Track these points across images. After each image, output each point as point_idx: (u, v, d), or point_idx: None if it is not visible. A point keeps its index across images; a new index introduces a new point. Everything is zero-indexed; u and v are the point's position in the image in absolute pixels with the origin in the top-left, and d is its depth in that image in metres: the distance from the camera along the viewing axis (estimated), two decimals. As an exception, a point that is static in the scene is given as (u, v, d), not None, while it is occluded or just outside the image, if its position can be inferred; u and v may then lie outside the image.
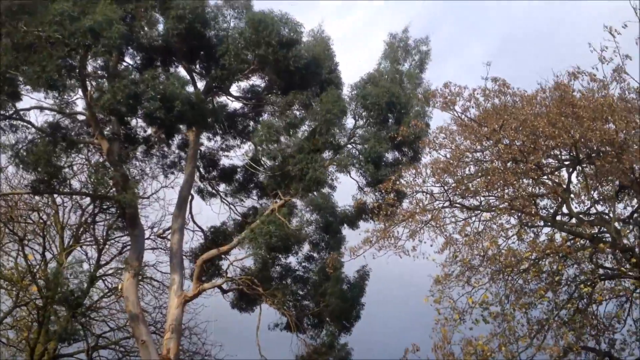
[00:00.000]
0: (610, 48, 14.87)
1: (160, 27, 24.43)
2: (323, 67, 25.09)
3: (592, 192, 16.56)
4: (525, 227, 16.75)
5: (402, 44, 26.78)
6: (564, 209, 16.61)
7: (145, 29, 24.30)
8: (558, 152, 16.39)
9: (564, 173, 16.81)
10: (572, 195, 16.50)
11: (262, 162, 24.95)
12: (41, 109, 23.86)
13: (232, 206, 27.64)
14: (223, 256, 25.27)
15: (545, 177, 16.64)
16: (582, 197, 16.73)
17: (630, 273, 15.85)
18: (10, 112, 22.49)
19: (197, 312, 27.40)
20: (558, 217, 16.73)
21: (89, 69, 23.71)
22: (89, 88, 22.92)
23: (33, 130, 23.64)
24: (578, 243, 16.45)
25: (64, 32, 19.85)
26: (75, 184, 26.11)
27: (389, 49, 26.77)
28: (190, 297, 24.21)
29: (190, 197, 26.36)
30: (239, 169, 27.68)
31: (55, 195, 26.58)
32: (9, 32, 20.60)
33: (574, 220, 16.52)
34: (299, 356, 24.79)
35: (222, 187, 28.38)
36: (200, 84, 26.25)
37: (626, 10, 14.61)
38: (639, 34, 14.93)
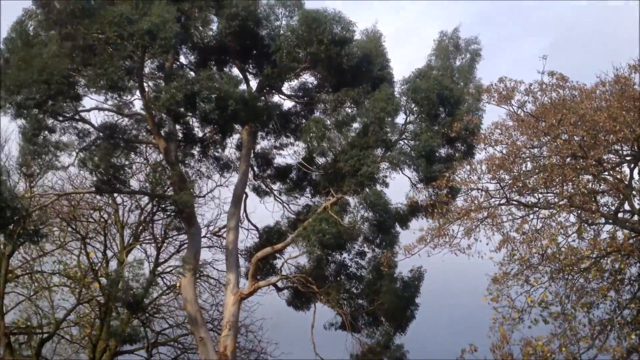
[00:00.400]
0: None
1: (214, 26, 24.80)
2: (375, 65, 25.01)
3: (655, 188, 15.99)
4: (586, 225, 16.31)
5: (452, 42, 26.50)
6: (626, 206, 16.09)
7: (200, 28, 24.69)
8: (619, 148, 15.88)
9: (625, 169, 16.30)
10: (634, 192, 15.98)
11: (314, 160, 25.00)
12: (101, 109, 24.52)
13: (285, 204, 27.83)
14: (277, 254, 25.45)
15: (606, 173, 16.14)
16: (645, 194, 16.17)
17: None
18: (72, 113, 23.08)
19: (252, 309, 27.81)
20: (620, 214, 16.22)
21: (146, 70, 24.25)
22: (146, 89, 23.45)
23: (93, 131, 24.38)
24: (641, 241, 15.94)
25: (122, 34, 20.36)
26: (134, 184, 26.80)
27: (440, 45, 26.50)
28: (246, 295, 24.50)
29: (244, 196, 26.69)
30: (292, 167, 27.83)
31: (115, 195, 27.20)
32: (69, 34, 21.26)
33: (636, 218, 16.01)
34: (354, 355, 24.80)
35: (276, 185, 28.59)
36: (253, 83, 26.58)
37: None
38: None
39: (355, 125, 24.43)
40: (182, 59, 25.95)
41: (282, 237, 25.42)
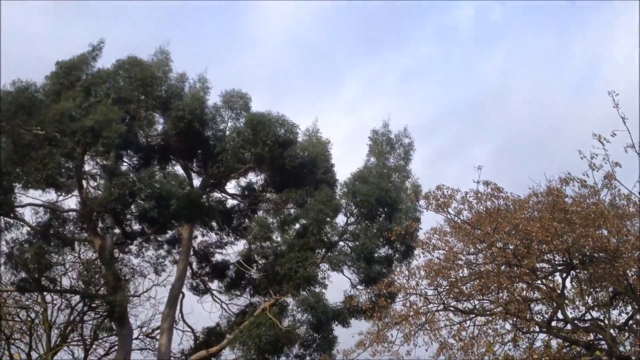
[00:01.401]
0: (600, 155, 15.15)
1: (159, 126, 24.99)
2: (318, 167, 25.51)
3: (586, 297, 16.41)
4: (520, 333, 16.47)
5: (384, 138, 27.22)
6: (559, 315, 16.38)
7: (144, 129, 24.81)
8: (551, 257, 16.33)
9: (557, 278, 16.72)
10: (566, 301, 16.34)
11: (255, 260, 24.78)
12: (36, 206, 23.94)
13: (224, 304, 27.22)
14: (213, 358, 24.61)
15: (539, 281, 16.51)
16: (577, 303, 16.57)
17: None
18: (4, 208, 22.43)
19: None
20: (553, 323, 16.49)
21: (86, 167, 24.04)
22: (84, 186, 23.11)
23: (26, 227, 23.69)
24: (574, 350, 16.14)
25: (64, 131, 20.23)
26: (65, 282, 25.86)
27: (374, 144, 27.22)
28: (177, 402, 23.43)
29: (181, 295, 26.01)
30: (231, 266, 27.47)
31: (45, 293, 26.12)
32: (7, 131, 20.97)
33: (569, 327, 16.26)
34: None
35: (214, 284, 28.07)
36: (197, 181, 26.54)
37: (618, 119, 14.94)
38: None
39: (297, 226, 24.48)
40: (126, 159, 25.86)
41: (221, 339, 24.70)
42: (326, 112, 76.04)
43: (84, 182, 23.42)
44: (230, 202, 27.94)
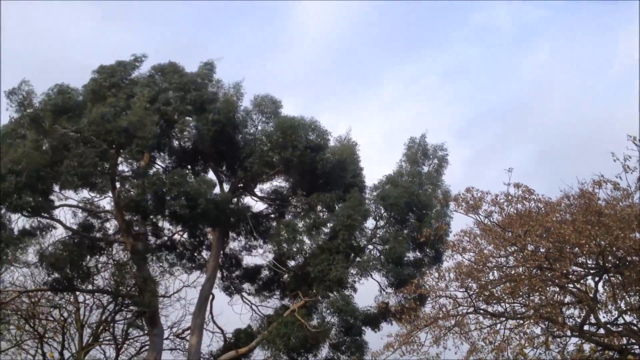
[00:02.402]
0: (634, 157, 15.06)
1: (192, 130, 25.28)
2: (348, 171, 25.59)
3: (619, 301, 16.22)
4: (552, 337, 16.38)
5: (420, 148, 27.29)
6: (592, 319, 16.24)
7: (177, 132, 25.18)
8: (584, 260, 16.20)
9: (590, 281, 16.57)
10: (599, 305, 16.19)
11: (284, 263, 24.93)
12: (71, 207, 24.40)
13: (254, 306, 27.41)
14: (243, 359, 24.79)
15: (571, 285, 16.39)
16: (610, 307, 16.39)
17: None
18: (39, 208, 22.86)
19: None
20: (586, 327, 16.34)
21: (119, 169, 24.45)
22: (117, 187, 23.51)
23: (60, 228, 24.15)
24: (607, 355, 16.01)
25: (100, 132, 20.64)
26: (98, 281, 26.26)
27: (409, 151, 27.29)
28: (207, 403, 23.65)
29: (211, 297, 26.27)
30: (262, 269, 27.69)
31: (77, 293, 26.56)
32: (47, 132, 21.48)
33: (602, 331, 16.13)
34: None
35: (244, 286, 28.25)
36: (226, 185, 26.80)
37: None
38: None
39: (326, 229, 24.57)
40: (158, 161, 26.27)
41: (251, 340, 24.88)
42: (364, 113, 75.60)
43: (117, 183, 23.81)
44: (259, 206, 28.21)
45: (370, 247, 25.19)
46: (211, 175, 26.23)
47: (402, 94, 79.26)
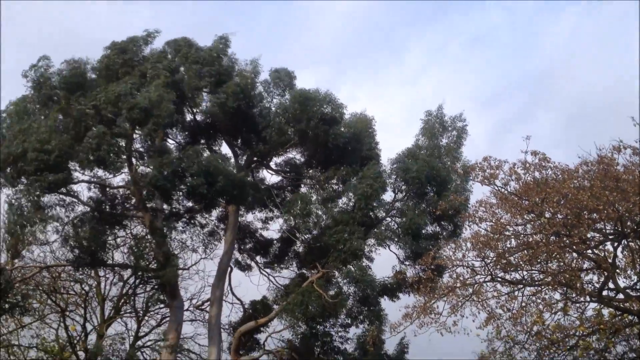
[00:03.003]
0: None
1: (207, 105, 25.30)
2: (363, 144, 25.58)
3: (638, 266, 16.20)
4: (571, 302, 16.43)
5: (438, 120, 27.14)
6: (610, 284, 16.26)
7: (192, 107, 25.22)
8: (602, 226, 16.17)
9: (609, 247, 16.55)
10: (618, 270, 16.18)
11: (300, 235, 25.10)
12: (89, 182, 24.62)
13: (271, 277, 27.70)
14: (262, 328, 25.15)
15: (589, 251, 16.39)
16: (629, 272, 16.37)
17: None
18: (61, 186, 23.11)
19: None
20: (604, 292, 16.36)
21: (135, 146, 24.58)
22: (134, 163, 23.69)
23: (79, 204, 24.40)
24: (626, 319, 16.05)
25: (117, 110, 20.73)
26: (118, 256, 26.61)
27: (426, 125, 27.16)
28: (227, 371, 24.05)
29: (229, 269, 26.56)
30: (275, 241, 27.94)
31: (98, 268, 26.92)
32: (64, 110, 21.62)
33: (621, 296, 16.16)
34: None
35: (261, 258, 28.52)
36: (241, 159, 26.90)
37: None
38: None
39: (342, 201, 24.67)
40: (171, 137, 26.36)
41: (268, 311, 25.20)
42: (388, 84, 75.09)
43: (134, 161, 23.97)
44: (274, 179, 28.34)
45: (388, 219, 25.31)
46: (225, 149, 26.36)
47: (425, 64, 78.18)
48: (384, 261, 25.13)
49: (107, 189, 25.88)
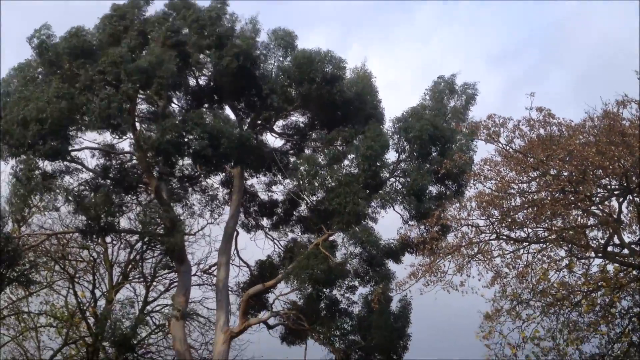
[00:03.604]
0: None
1: (209, 67, 25.09)
2: (367, 103, 25.35)
3: (643, 221, 16.16)
4: (576, 259, 16.43)
5: (449, 86, 26.80)
6: (616, 240, 16.23)
7: (195, 70, 25.00)
8: (607, 182, 16.07)
9: (614, 203, 16.46)
10: (623, 226, 16.14)
11: (305, 197, 25.11)
12: (93, 149, 24.64)
13: (276, 240, 27.84)
14: (270, 290, 25.37)
15: (594, 207, 16.31)
16: (634, 227, 16.34)
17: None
18: (64, 153, 23.08)
19: (243, 348, 27.49)
20: (609, 248, 16.35)
21: (139, 110, 24.50)
22: (138, 128, 23.63)
23: (85, 171, 24.49)
24: (631, 274, 16.06)
25: (119, 74, 20.61)
26: (124, 222, 26.71)
27: (435, 88, 26.86)
28: (236, 333, 24.34)
29: (235, 233, 26.69)
30: (280, 203, 28.03)
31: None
32: (68, 75, 21.49)
33: (626, 251, 16.14)
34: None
35: (266, 221, 28.64)
36: (245, 122, 26.78)
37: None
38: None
39: (346, 162, 24.58)
40: (175, 100, 26.23)
41: (274, 272, 25.39)
42: (397, 42, 73.66)
43: (137, 125, 23.90)
44: (279, 142, 28.26)
45: (392, 180, 25.22)
46: (229, 112, 26.22)
47: (436, 22, 76.61)
48: (388, 223, 25.14)
49: (112, 155, 25.94)
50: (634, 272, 15.91)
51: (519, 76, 65.94)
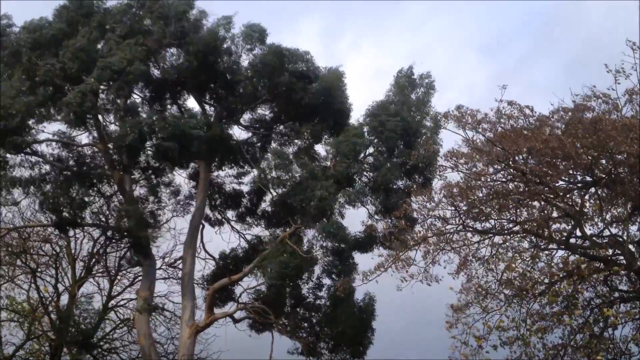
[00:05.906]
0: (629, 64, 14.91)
1: (174, 60, 24.79)
2: (335, 98, 25.32)
3: (605, 214, 16.44)
4: (539, 250, 16.64)
5: (407, 78, 26.94)
6: (578, 232, 16.49)
7: (159, 63, 24.67)
8: (572, 174, 16.29)
9: (576, 196, 16.72)
10: (585, 217, 16.39)
11: (271, 191, 24.98)
12: (56, 141, 24.15)
13: (241, 233, 27.66)
14: (237, 283, 25.18)
15: (557, 199, 16.53)
16: (596, 220, 16.61)
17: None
18: (26, 147, 22.60)
19: (209, 342, 27.22)
20: (572, 240, 16.60)
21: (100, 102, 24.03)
22: (101, 121, 23.25)
23: (46, 164, 24.01)
24: (593, 265, 16.33)
25: (85, 68, 20.23)
26: (87, 216, 26.18)
27: (397, 82, 26.95)
28: (201, 327, 24.12)
29: (201, 226, 26.43)
30: (246, 194, 27.88)
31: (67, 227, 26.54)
32: (24, 67, 21.02)
33: (587, 243, 16.40)
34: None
35: (231, 214, 28.43)
36: (210, 114, 26.54)
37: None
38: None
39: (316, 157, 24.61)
40: (137, 92, 25.80)
41: (239, 265, 25.18)
42: (386, 32, 73.25)
43: (100, 118, 23.50)
44: (245, 135, 28.05)
45: (361, 174, 25.21)
46: (193, 103, 25.96)
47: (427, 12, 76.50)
48: (353, 216, 25.12)
49: (73, 147, 25.47)
50: (596, 264, 16.18)
51: (510, 65, 66.31)
